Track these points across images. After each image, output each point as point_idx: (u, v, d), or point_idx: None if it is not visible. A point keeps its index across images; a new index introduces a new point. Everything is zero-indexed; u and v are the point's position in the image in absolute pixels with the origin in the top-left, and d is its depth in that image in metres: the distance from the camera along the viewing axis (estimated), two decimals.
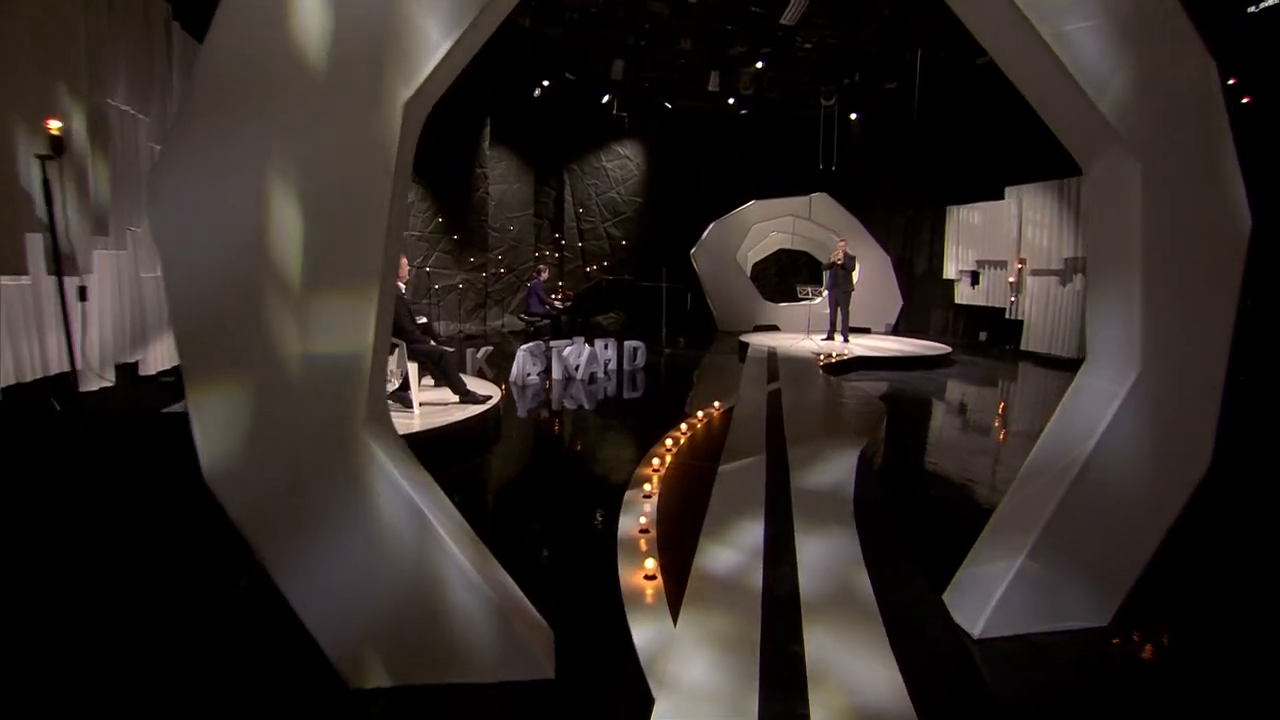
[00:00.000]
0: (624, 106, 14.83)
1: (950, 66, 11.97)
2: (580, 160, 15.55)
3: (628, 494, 4.05)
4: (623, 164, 15.68)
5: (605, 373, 9.11)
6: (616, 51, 12.81)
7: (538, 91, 14.06)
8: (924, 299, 14.19)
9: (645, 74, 13.73)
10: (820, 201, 13.65)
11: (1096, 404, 2.82)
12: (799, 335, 12.39)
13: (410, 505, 2.31)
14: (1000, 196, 11.92)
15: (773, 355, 10.15)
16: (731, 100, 14.09)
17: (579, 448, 5.90)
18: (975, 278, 12.71)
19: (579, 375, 8.66)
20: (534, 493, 4.64)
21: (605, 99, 14.57)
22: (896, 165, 14.37)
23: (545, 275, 11.34)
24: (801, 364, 9.50)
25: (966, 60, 11.55)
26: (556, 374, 8.63)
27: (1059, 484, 2.81)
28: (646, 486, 4.00)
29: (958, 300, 13.28)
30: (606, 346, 9.37)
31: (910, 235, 14.53)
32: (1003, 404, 7.88)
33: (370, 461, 2.27)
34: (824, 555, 3.33)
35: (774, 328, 13.85)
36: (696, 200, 15.05)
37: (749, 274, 14.82)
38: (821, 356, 9.83)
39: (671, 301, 12.01)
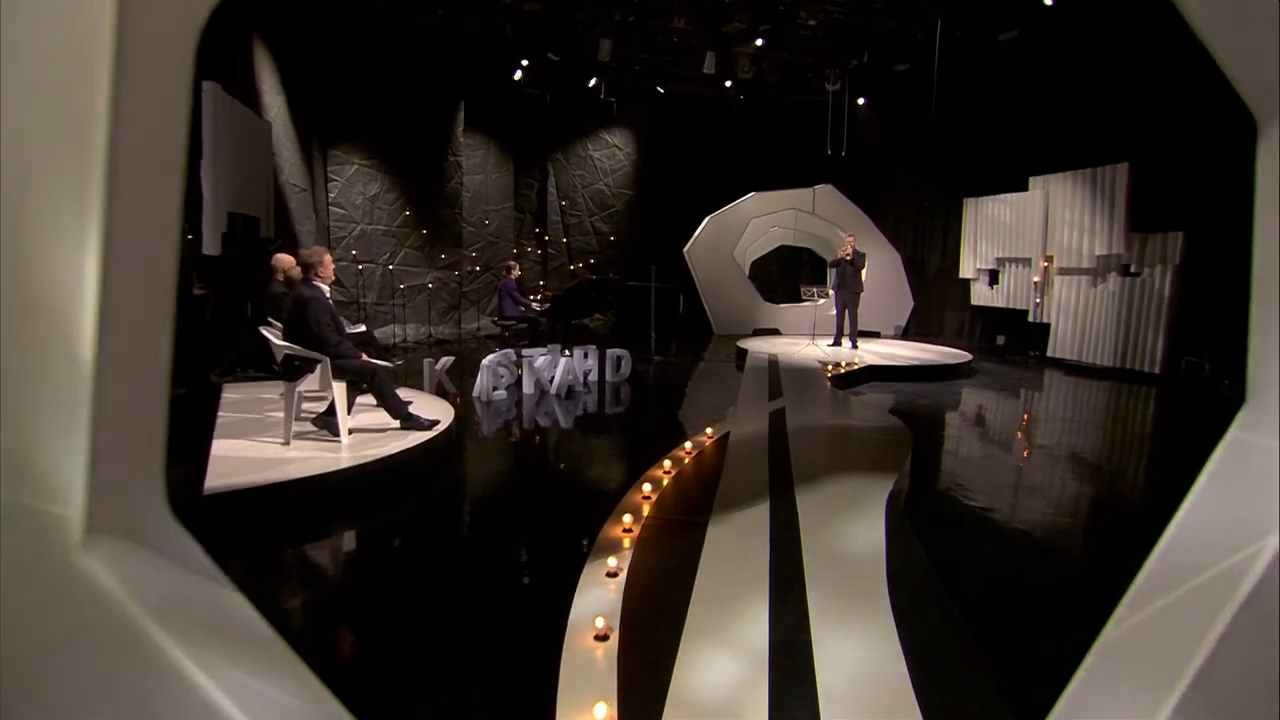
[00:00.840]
0: (612, 91, 13.99)
1: (970, 44, 11.05)
2: (565, 149, 14.70)
3: (587, 568, 3.11)
4: (611, 153, 14.84)
5: (585, 385, 8.18)
6: (604, 30, 11.94)
7: (518, 74, 13.17)
8: (937, 300, 13.39)
9: (635, 55, 12.85)
10: (825, 194, 12.94)
11: (1275, 475, 1.87)
12: (802, 340, 11.48)
13: (173, 673, 1.36)
14: (1024, 187, 11.06)
15: (774, 364, 9.22)
16: (729, 83, 13.23)
17: (538, 491, 4.95)
18: (994, 277, 11.83)
19: (553, 389, 7.72)
20: (467, 560, 3.70)
21: (592, 82, 13.70)
22: (908, 154, 13.52)
23: (517, 273, 10.39)
24: (806, 375, 8.57)
25: (988, 36, 10.64)
26: (528, 388, 7.68)
27: (1220, 600, 1.86)
28: (612, 561, 3.06)
29: (974, 301, 12.47)
30: (586, 356, 8.45)
31: (922, 230, 13.68)
32: (1047, 423, 6.94)
33: (96, 607, 1.32)
34: (854, 674, 2.38)
35: (775, 331, 12.94)
36: (691, 193, 14.23)
37: (748, 273, 13.98)
38: (829, 367, 8.90)
39: (662, 303, 11.09)
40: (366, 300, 11.31)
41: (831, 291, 10.54)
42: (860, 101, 13.33)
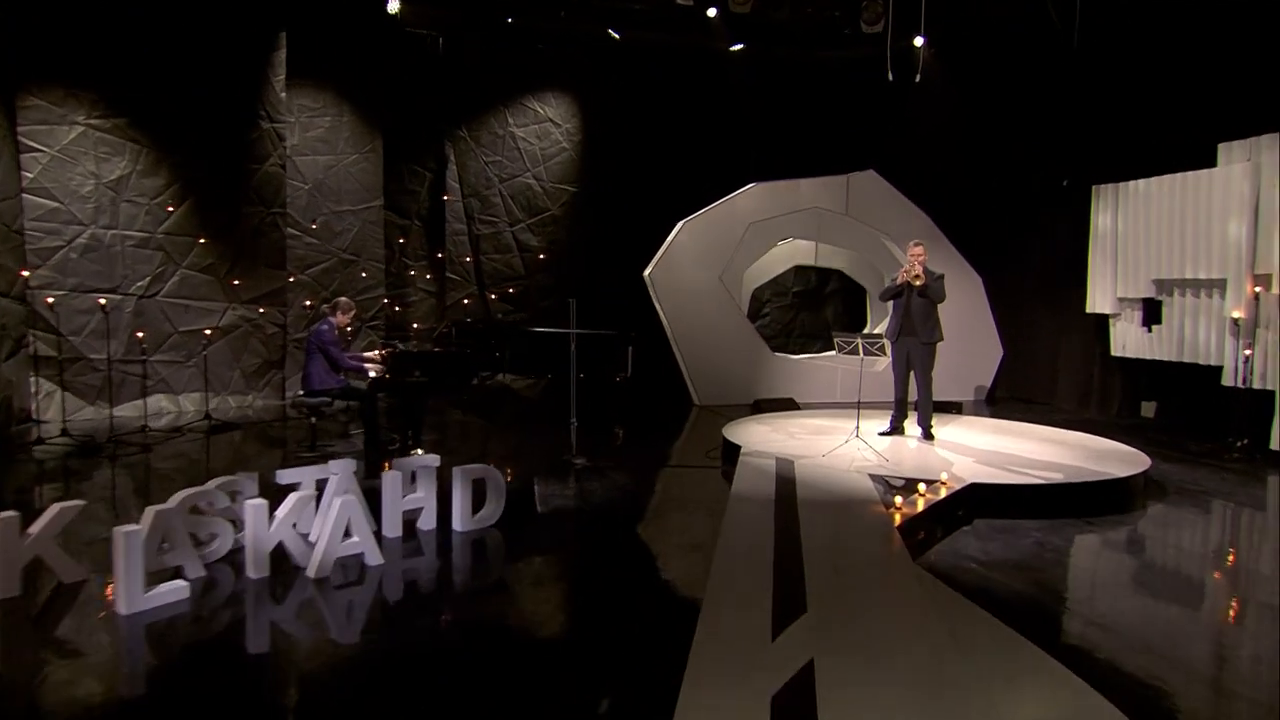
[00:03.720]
0: (543, 36, 11.60)
1: None
2: (472, 124, 11.93)
3: None
4: (543, 131, 12.18)
5: (416, 541, 4.69)
6: None
7: (394, 3, 10.03)
8: (1043, 346, 10.67)
9: None
10: (864, 184, 10.54)
11: None
12: (836, 422, 7.97)
13: None
14: (1208, 160, 8.15)
15: (787, 485, 5.68)
16: (713, 12, 10.43)
17: None
18: (1153, 311, 8.86)
19: (312, 569, 4.11)
20: None
21: (510, 20, 11.06)
22: (992, 121, 10.83)
23: (345, 318, 7.12)
24: (850, 514, 5.07)
25: None
26: (253, 569, 4.10)
27: None
28: None
29: (1115, 351, 9.50)
30: (414, 480, 4.96)
31: (1016, 237, 10.88)
32: None
33: None
34: None
35: (789, 403, 9.58)
36: (662, 188, 11.71)
37: (746, 309, 11.41)
38: (894, 495, 5.34)
39: (600, 360, 7.65)
40: (97, 357, 7.79)
41: (887, 341, 7.04)
42: (918, 44, 10.27)
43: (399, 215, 11.37)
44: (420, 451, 6.65)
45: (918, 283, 6.87)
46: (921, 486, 5.45)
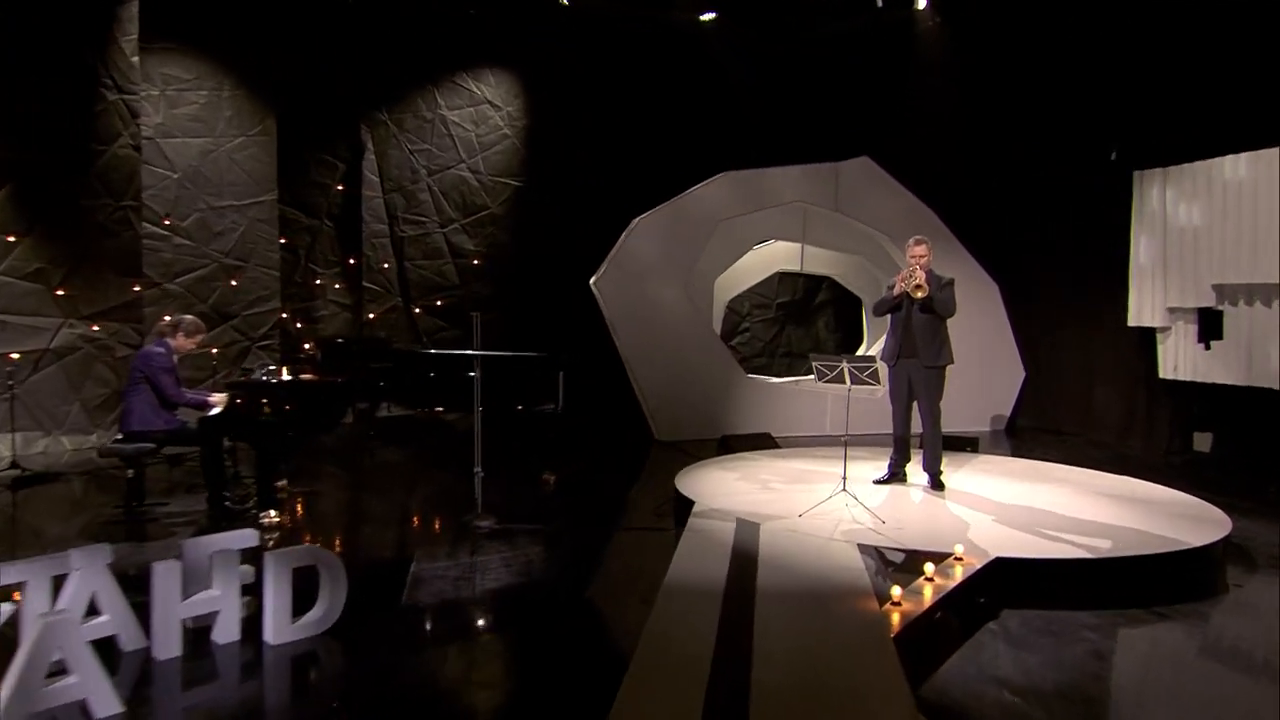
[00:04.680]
0: (478, 1, 11.10)
1: None
2: (395, 106, 11.19)
3: None
4: (480, 114, 11.55)
5: (207, 661, 3.61)
6: None
7: None
8: (1070, 365, 10.12)
9: None
10: (857, 173, 9.79)
11: None
12: (823, 469, 6.89)
13: None
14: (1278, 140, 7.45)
15: (746, 562, 4.52)
16: None
17: None
18: (1212, 324, 8.04)
19: None
20: None
21: None
22: (1010, 95, 10.14)
23: (188, 342, 6.22)
24: (831, 612, 3.98)
25: None
26: None
27: None
28: None
29: (1164, 372, 8.71)
30: (208, 563, 3.86)
31: (1043, 234, 10.28)
32: None
33: None
34: None
35: (764, 439, 8.72)
36: (622, 182, 11.19)
37: (719, 327, 10.87)
38: (894, 589, 4.17)
39: (521, 387, 6.55)
40: None
41: (884, 365, 5.95)
42: (920, 6, 9.66)
43: (304, 213, 10.44)
44: (273, 514, 5.51)
45: (919, 294, 5.81)
46: (929, 567, 4.26)
